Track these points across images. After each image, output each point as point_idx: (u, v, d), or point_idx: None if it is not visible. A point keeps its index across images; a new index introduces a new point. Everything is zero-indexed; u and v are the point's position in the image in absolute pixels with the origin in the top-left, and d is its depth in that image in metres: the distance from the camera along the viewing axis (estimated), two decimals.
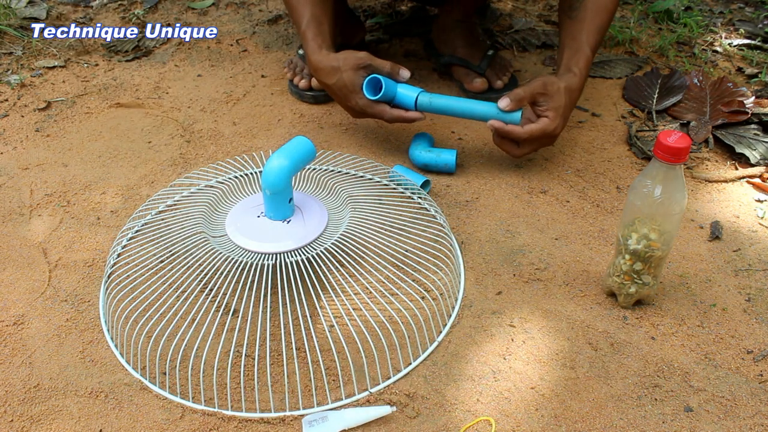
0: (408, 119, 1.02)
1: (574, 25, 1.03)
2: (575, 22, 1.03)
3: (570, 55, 1.02)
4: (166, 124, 1.21)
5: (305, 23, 1.04)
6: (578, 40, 1.02)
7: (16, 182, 1.06)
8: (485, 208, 0.99)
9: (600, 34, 1.04)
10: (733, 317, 0.82)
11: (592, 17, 1.02)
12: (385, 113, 1.02)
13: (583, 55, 1.01)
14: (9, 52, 1.44)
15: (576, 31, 1.02)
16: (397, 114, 1.02)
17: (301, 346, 0.78)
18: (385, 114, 1.02)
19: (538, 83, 0.97)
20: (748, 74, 1.35)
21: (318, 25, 1.04)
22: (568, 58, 1.01)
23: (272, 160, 0.81)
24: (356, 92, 1.01)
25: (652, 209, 0.73)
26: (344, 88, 1.01)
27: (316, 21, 1.04)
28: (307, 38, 1.04)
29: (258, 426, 0.70)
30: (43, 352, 0.78)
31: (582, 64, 1.00)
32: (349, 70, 1.00)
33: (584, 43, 1.01)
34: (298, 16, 1.06)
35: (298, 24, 1.07)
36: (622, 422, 0.70)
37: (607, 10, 1.03)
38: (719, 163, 1.10)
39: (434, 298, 0.83)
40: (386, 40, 1.47)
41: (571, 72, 1.00)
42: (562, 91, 0.97)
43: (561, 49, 1.05)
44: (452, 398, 0.72)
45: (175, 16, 1.62)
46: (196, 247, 0.84)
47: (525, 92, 0.97)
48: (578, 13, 1.03)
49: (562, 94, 0.98)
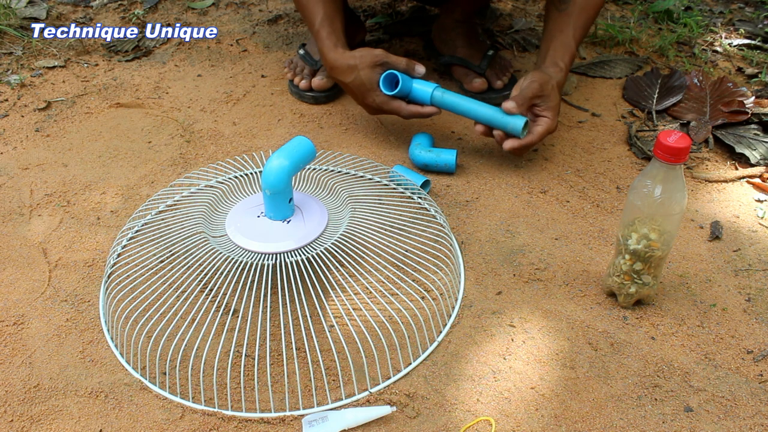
0: (424, 114, 1.04)
1: (562, 18, 1.04)
2: (564, 15, 1.04)
3: (557, 48, 1.03)
4: (166, 124, 1.21)
5: (318, 22, 1.05)
6: (566, 33, 1.03)
7: (16, 182, 1.06)
8: (485, 208, 0.99)
9: (585, 30, 1.06)
10: (733, 317, 0.82)
11: (580, 12, 1.04)
12: (402, 109, 1.03)
13: (569, 50, 1.03)
14: (9, 52, 1.44)
15: (564, 25, 1.04)
16: (414, 110, 1.03)
17: (301, 346, 0.78)
18: (402, 110, 1.03)
19: (535, 86, 0.98)
20: (748, 74, 1.35)
21: (331, 23, 1.05)
22: (555, 51, 1.03)
23: (272, 160, 0.81)
24: (373, 89, 1.03)
25: (652, 209, 0.73)
26: (362, 86, 1.03)
27: (329, 19, 1.05)
28: (321, 37, 1.05)
29: (258, 426, 0.70)
30: (43, 352, 0.78)
31: (567, 59, 1.03)
32: (366, 68, 1.01)
33: (571, 37, 1.03)
34: (311, 15, 1.06)
35: (311, 23, 1.07)
36: (622, 422, 0.70)
37: (594, 6, 1.05)
38: (719, 163, 1.10)
39: (434, 298, 0.83)
40: (386, 40, 1.47)
41: (557, 67, 1.02)
42: (556, 89, 1.00)
43: (547, 39, 1.06)
44: (452, 398, 0.72)
45: (175, 16, 1.62)
46: (196, 247, 0.84)
47: (526, 95, 0.98)
48: (568, 7, 1.04)
49: (556, 92, 1.00)
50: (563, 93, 1.28)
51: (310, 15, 1.07)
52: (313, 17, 1.06)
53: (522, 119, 0.98)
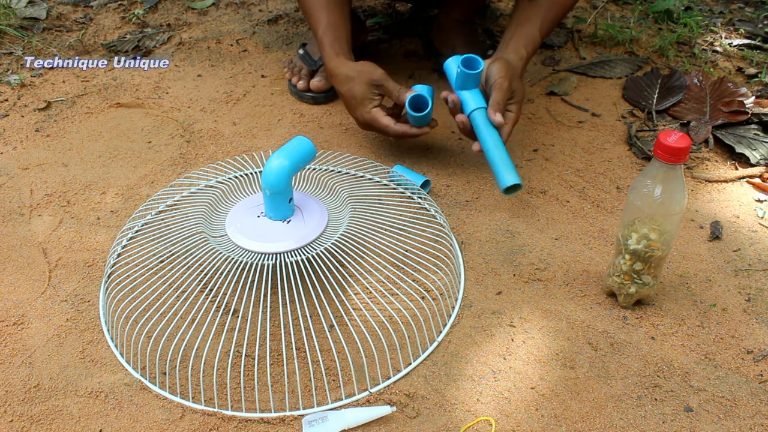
0: (411, 135, 1.02)
1: (532, 8, 1.04)
2: (534, 6, 1.04)
3: (521, 36, 1.03)
4: (166, 124, 1.21)
5: (322, 30, 1.05)
6: (533, 24, 1.03)
7: (16, 182, 1.06)
8: (485, 208, 0.99)
9: (552, 25, 1.06)
10: (733, 317, 0.82)
11: (550, 6, 1.04)
12: (389, 129, 1.02)
13: (534, 40, 1.03)
14: (9, 52, 1.44)
15: (533, 15, 1.04)
16: (402, 130, 1.02)
17: (301, 346, 0.78)
18: (390, 130, 1.02)
19: (506, 85, 0.96)
20: (748, 74, 1.35)
21: (335, 31, 1.05)
22: (519, 39, 1.03)
23: (272, 160, 0.81)
24: (363, 105, 1.02)
25: (652, 209, 0.73)
26: (353, 99, 1.03)
27: (333, 27, 1.05)
28: (324, 45, 1.05)
29: (258, 426, 0.70)
30: (43, 352, 0.78)
31: (530, 48, 1.03)
32: (362, 83, 1.01)
33: (537, 30, 1.04)
34: (315, 21, 1.06)
35: (314, 29, 1.07)
36: (622, 422, 0.70)
37: (563, 6, 1.06)
38: (719, 163, 1.10)
39: (434, 298, 0.83)
40: (386, 40, 1.47)
41: (519, 54, 1.02)
42: (519, 80, 1.00)
43: (513, 27, 1.05)
44: (452, 398, 0.72)
45: (175, 16, 1.62)
46: (196, 247, 0.84)
47: (504, 99, 0.96)
48: None
49: (520, 83, 1.00)
50: (563, 93, 1.28)
51: (313, 21, 1.06)
52: (317, 24, 1.06)
53: (504, 185, 0.93)
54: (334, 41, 1.04)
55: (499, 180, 0.93)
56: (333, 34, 1.05)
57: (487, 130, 0.97)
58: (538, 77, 1.34)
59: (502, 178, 0.92)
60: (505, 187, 0.92)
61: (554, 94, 1.28)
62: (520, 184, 0.92)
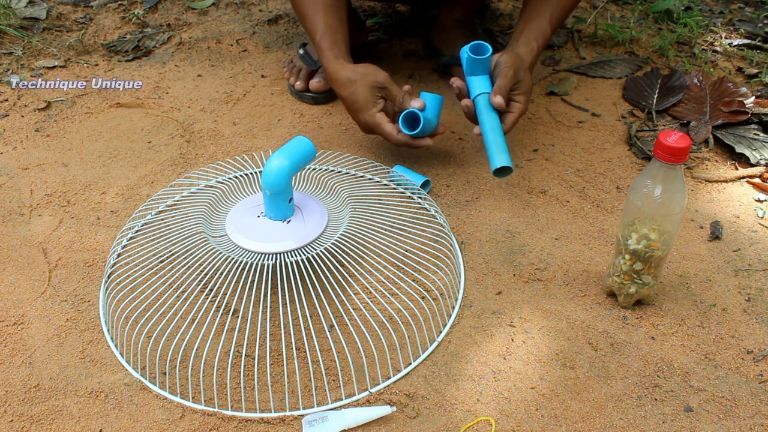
0: (414, 146, 1.01)
1: (542, 2, 1.05)
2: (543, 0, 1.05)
3: (532, 29, 1.03)
4: (166, 124, 1.21)
5: (320, 33, 1.03)
6: (543, 17, 1.04)
7: (16, 182, 1.06)
8: (485, 208, 0.99)
9: (562, 18, 1.07)
10: (733, 317, 0.82)
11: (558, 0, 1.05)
12: (392, 136, 1.01)
13: (544, 33, 1.04)
14: (9, 52, 1.44)
15: (543, 9, 1.04)
16: (404, 141, 1.01)
17: (301, 346, 0.78)
18: (393, 137, 1.01)
19: (511, 73, 0.97)
20: (748, 74, 1.35)
21: (333, 34, 1.03)
22: (529, 32, 1.03)
23: (272, 160, 0.81)
24: (366, 109, 1.00)
25: (652, 209, 0.73)
26: (356, 103, 1.00)
27: (331, 30, 1.03)
28: (322, 48, 1.03)
29: (258, 426, 0.70)
30: (43, 352, 0.78)
31: (541, 41, 1.03)
32: (365, 87, 0.99)
33: (548, 22, 1.04)
34: (311, 25, 1.04)
35: (311, 34, 1.05)
36: (622, 422, 0.70)
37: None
38: (719, 163, 1.10)
39: (434, 298, 0.83)
40: (386, 40, 1.47)
41: (530, 47, 1.02)
42: (528, 72, 1.00)
43: (523, 20, 1.06)
44: (452, 398, 0.72)
45: (175, 16, 1.62)
46: (196, 247, 0.84)
47: (507, 86, 0.97)
48: None
49: (528, 75, 1.00)
50: (563, 93, 1.28)
51: (310, 25, 1.04)
52: (314, 27, 1.03)
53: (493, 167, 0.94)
54: (332, 44, 1.02)
55: (491, 161, 0.94)
56: (331, 37, 1.02)
57: (487, 113, 0.98)
58: (538, 77, 1.34)
59: (493, 159, 0.94)
60: (495, 169, 0.93)
61: (554, 94, 1.28)
62: (511, 168, 0.93)
